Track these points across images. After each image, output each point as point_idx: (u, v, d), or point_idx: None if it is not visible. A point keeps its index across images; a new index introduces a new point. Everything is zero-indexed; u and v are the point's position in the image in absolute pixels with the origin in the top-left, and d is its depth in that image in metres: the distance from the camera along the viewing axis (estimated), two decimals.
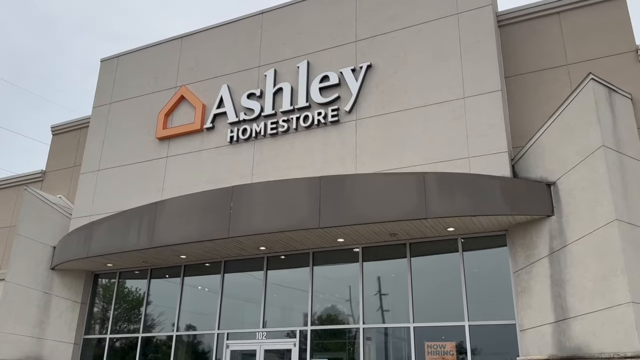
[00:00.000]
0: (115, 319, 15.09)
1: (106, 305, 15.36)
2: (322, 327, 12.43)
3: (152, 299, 14.82)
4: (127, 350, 14.68)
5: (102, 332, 15.06)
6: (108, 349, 14.67)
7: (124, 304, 15.24)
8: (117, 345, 14.90)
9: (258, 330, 12.98)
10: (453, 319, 11.00)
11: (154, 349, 14.40)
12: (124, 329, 14.97)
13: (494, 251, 11.39)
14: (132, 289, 15.33)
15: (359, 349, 11.74)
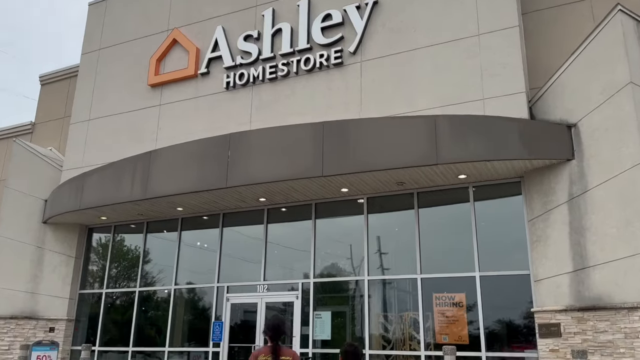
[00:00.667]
0: (111, 273, 14.64)
1: (102, 260, 14.88)
2: (325, 279, 11.95)
3: (149, 253, 14.32)
4: (124, 306, 14.29)
5: (98, 287, 14.63)
6: (104, 304, 14.28)
7: (120, 258, 14.76)
8: (114, 301, 14.50)
9: (259, 283, 12.51)
10: (463, 270, 10.49)
11: (152, 304, 14.01)
12: (121, 284, 14.55)
13: (507, 200, 10.78)
14: (128, 243, 14.81)
15: (363, 301, 11.29)
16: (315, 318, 11.64)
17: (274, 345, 4.62)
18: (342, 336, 11.47)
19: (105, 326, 14.16)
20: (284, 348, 4.71)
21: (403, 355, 10.69)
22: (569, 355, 8.71)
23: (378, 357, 10.92)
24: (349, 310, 11.66)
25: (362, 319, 11.20)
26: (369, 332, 11.01)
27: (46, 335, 13.67)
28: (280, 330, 4.72)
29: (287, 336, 4.70)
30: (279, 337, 4.69)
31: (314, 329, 11.55)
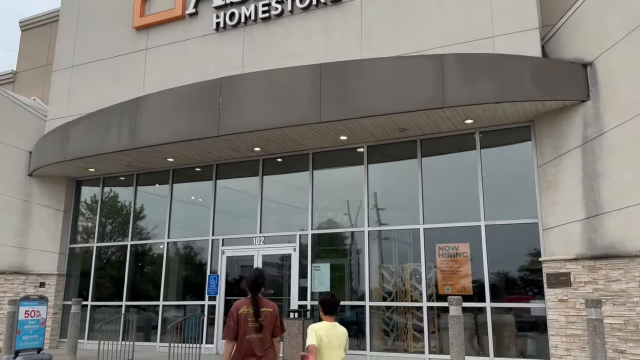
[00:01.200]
0: (102, 227, 14.17)
1: (91, 214, 14.38)
2: (323, 231, 11.51)
3: (141, 207, 13.81)
4: (116, 260, 13.89)
5: (88, 241, 14.19)
6: (96, 258, 13.87)
7: (110, 212, 14.26)
8: (106, 255, 14.09)
9: (255, 236, 12.08)
10: (468, 219, 10.05)
11: (145, 258, 13.60)
12: (112, 238, 14.10)
13: (515, 146, 10.22)
14: (117, 196, 14.28)
15: (363, 253, 10.89)
16: (313, 270, 11.27)
17: (254, 297, 4.65)
18: (342, 288, 11.14)
19: (98, 281, 13.80)
20: (264, 300, 4.73)
21: (404, 306, 10.38)
22: (578, 305, 8.37)
23: (378, 309, 10.61)
24: (348, 262, 11.28)
25: (362, 270, 10.82)
26: (369, 284, 10.66)
27: (36, 290, 13.31)
28: (259, 282, 4.72)
29: (265, 289, 4.93)
30: (259, 289, 4.70)
31: (312, 281, 11.19)
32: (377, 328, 10.54)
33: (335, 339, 4.54)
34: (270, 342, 4.68)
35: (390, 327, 10.49)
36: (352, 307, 10.95)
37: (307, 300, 11.14)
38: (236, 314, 4.61)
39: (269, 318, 4.64)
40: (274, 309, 4.73)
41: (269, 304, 4.75)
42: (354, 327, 10.82)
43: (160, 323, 12.56)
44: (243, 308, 4.61)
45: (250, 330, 4.55)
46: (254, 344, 4.55)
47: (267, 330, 4.63)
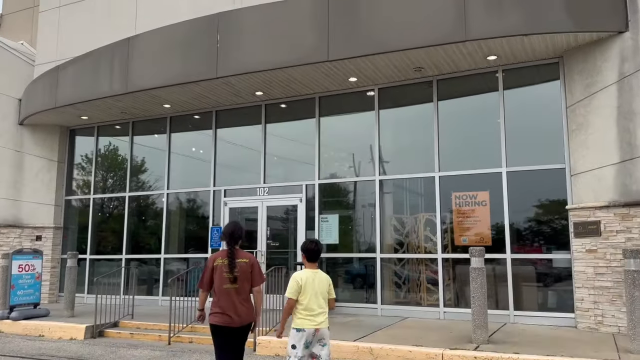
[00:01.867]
0: (98, 179, 13.55)
1: (87, 164, 13.72)
2: (332, 180, 10.83)
3: (138, 156, 13.13)
4: (115, 213, 13.34)
5: (84, 193, 13.60)
6: (93, 211, 13.32)
7: (106, 163, 13.59)
8: (104, 208, 13.53)
9: (259, 186, 11.42)
10: (488, 165, 9.32)
11: (145, 210, 13.03)
12: (109, 189, 13.50)
13: (542, 85, 9.35)
14: (113, 146, 13.58)
15: (374, 203, 10.24)
16: (321, 222, 10.66)
17: (230, 249, 4.73)
18: (351, 240, 10.56)
19: (96, 234, 13.29)
20: (240, 251, 4.81)
21: (417, 258, 9.80)
22: (609, 256, 7.74)
23: (389, 261, 10.05)
24: (358, 213, 10.64)
25: (373, 221, 10.21)
26: (380, 236, 10.06)
27: (33, 244, 12.84)
28: (235, 235, 4.79)
29: (243, 241, 5.00)
30: (236, 241, 4.79)
31: (320, 233, 10.60)
32: (388, 281, 10.01)
33: (318, 286, 4.59)
34: (247, 293, 4.76)
35: (402, 280, 9.97)
36: (361, 260, 10.40)
37: None
38: (211, 265, 4.74)
39: (244, 269, 4.71)
40: (249, 260, 4.79)
41: (245, 255, 4.82)
42: (363, 280, 10.31)
43: (162, 276, 12.12)
44: (218, 259, 4.73)
45: (225, 281, 4.66)
46: (230, 295, 4.65)
47: (243, 281, 4.71)
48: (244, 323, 4.70)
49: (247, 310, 4.72)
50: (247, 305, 4.72)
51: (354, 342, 7.15)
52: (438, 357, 6.48)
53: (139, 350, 7.95)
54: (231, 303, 4.63)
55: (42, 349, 8.17)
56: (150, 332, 9.03)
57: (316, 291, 4.53)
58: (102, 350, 8.02)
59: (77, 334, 9.00)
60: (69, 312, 10.05)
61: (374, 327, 8.39)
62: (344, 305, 10.12)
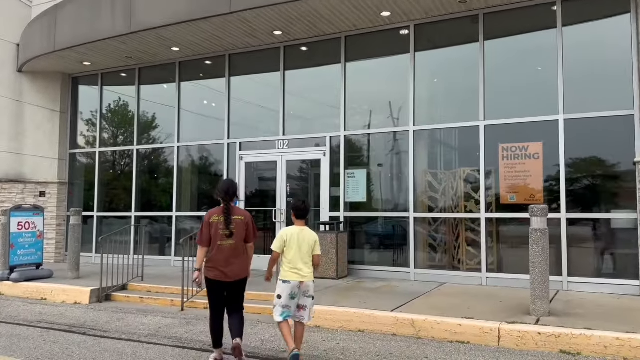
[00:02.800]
0: (104, 131, 12.58)
1: (92, 115, 12.74)
2: (359, 132, 9.73)
3: (146, 107, 12.10)
4: (123, 168, 12.44)
5: (90, 146, 12.67)
6: (100, 165, 12.41)
7: (111, 114, 12.59)
8: (111, 162, 12.62)
9: (278, 139, 10.38)
10: (542, 113, 8.14)
11: (154, 165, 12.10)
12: (116, 142, 12.55)
13: (608, 21, 8.07)
14: (119, 95, 12.54)
15: (407, 157, 9.16)
16: (347, 177, 9.64)
17: (226, 205, 4.78)
18: (380, 198, 9.56)
19: (104, 190, 12.44)
20: (236, 208, 4.91)
21: (456, 218, 8.79)
22: None
23: (424, 221, 9.06)
24: (388, 168, 9.60)
25: (406, 177, 9.16)
26: (414, 193, 9.03)
27: (37, 200, 12.03)
28: (230, 192, 4.86)
29: (238, 198, 5.27)
30: (231, 198, 4.84)
31: (345, 191, 9.60)
32: (422, 243, 9.04)
33: (304, 242, 4.81)
34: (242, 249, 4.85)
35: (437, 242, 8.99)
36: (392, 220, 9.41)
37: (339, 212, 9.62)
38: (208, 221, 4.79)
39: (240, 225, 4.80)
40: (245, 217, 4.88)
41: (241, 212, 4.92)
42: (394, 242, 9.35)
43: (174, 235, 11.28)
44: (214, 216, 4.78)
45: (221, 237, 4.74)
46: (226, 250, 4.75)
47: (238, 237, 4.80)
48: (238, 278, 4.84)
49: (242, 265, 4.85)
50: (241, 261, 4.84)
51: (392, 312, 6.23)
52: (494, 333, 5.54)
53: (149, 317, 7.14)
54: (226, 259, 4.75)
55: (42, 315, 7.39)
56: (161, 296, 8.21)
57: (300, 247, 4.78)
58: (108, 316, 7.22)
59: (82, 298, 8.21)
60: (74, 273, 9.26)
61: (409, 294, 7.46)
62: (373, 269, 9.21)
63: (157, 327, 6.52)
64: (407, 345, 5.54)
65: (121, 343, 5.78)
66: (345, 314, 6.31)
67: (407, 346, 5.52)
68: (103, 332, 6.34)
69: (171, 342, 5.81)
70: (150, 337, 6.01)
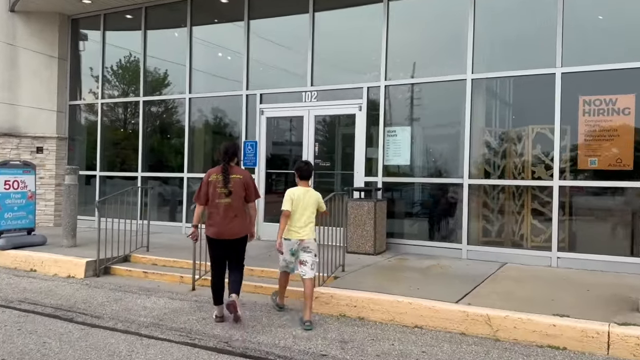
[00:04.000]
0: (107, 81, 11.19)
1: (93, 62, 11.33)
2: (403, 81, 8.20)
3: (153, 53, 10.64)
4: (128, 122, 11.10)
5: (91, 97, 11.32)
6: (102, 119, 11.08)
7: (115, 60, 11.16)
8: (115, 116, 11.28)
9: (305, 90, 8.91)
10: (636, 58, 6.56)
11: (162, 119, 10.74)
12: (120, 92, 11.17)
13: None
14: (124, 39, 11.08)
15: (461, 113, 7.67)
16: (387, 137, 8.19)
17: (224, 165, 4.86)
18: (426, 160, 8.11)
19: (107, 147, 11.14)
20: (235, 168, 4.96)
21: (519, 185, 7.34)
22: None
23: (479, 189, 7.63)
24: (437, 125, 8.12)
25: (459, 137, 7.67)
26: (469, 155, 7.56)
27: (33, 157, 10.78)
28: (229, 152, 4.92)
29: (238, 159, 5.09)
30: (230, 158, 4.92)
31: (385, 152, 8.17)
32: (476, 214, 7.63)
33: (309, 204, 4.97)
34: (241, 207, 4.89)
35: (495, 214, 7.58)
36: (441, 187, 7.98)
37: (377, 177, 8.21)
38: (206, 180, 4.92)
39: (238, 184, 4.85)
40: (244, 176, 4.93)
41: (240, 171, 4.97)
42: (443, 213, 7.95)
43: (185, 199, 10.00)
44: (213, 175, 4.89)
45: (219, 195, 4.81)
46: (223, 208, 4.81)
47: (237, 196, 4.84)
48: (236, 236, 4.88)
49: (240, 224, 4.88)
50: (239, 220, 4.87)
51: (457, 304, 4.88)
52: (601, 337, 4.18)
53: (153, 298, 5.90)
54: (223, 217, 4.81)
55: (26, 292, 6.19)
56: (169, 271, 6.97)
57: (305, 207, 4.94)
58: (104, 295, 5.99)
59: (76, 271, 7.00)
60: (69, 240, 8.04)
61: (468, 277, 6.11)
62: (416, 244, 7.86)
63: (161, 313, 5.27)
64: (485, 351, 4.22)
65: (115, 336, 4.53)
66: (396, 304, 4.98)
67: (484, 352, 4.20)
68: (95, 317, 5.11)
69: (178, 335, 4.55)
70: (153, 328, 4.76)
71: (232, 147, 5.02)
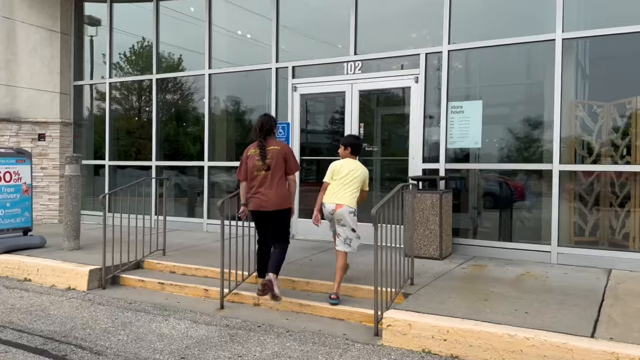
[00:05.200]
0: (117, 56, 9.87)
1: (99, 37, 10.01)
2: (470, 44, 6.69)
3: (166, 26, 9.28)
4: (139, 101, 9.79)
5: (97, 76, 10.01)
6: (110, 101, 9.78)
7: (124, 34, 9.82)
8: (125, 97, 9.97)
9: (347, 60, 7.48)
10: None
11: (177, 99, 9.41)
12: (131, 70, 9.85)
13: None
14: (133, 11, 9.73)
15: (548, 83, 6.20)
16: (451, 113, 6.73)
17: (261, 140, 4.78)
18: (502, 142, 6.64)
19: (117, 133, 9.86)
20: (273, 140, 4.84)
21: (622, 172, 5.86)
22: None
23: (570, 178, 6.15)
24: (516, 98, 6.64)
25: (545, 111, 6.20)
26: (560, 135, 6.07)
27: (35, 145, 9.55)
28: (264, 127, 4.80)
29: (274, 132, 4.90)
30: (267, 133, 4.81)
31: (448, 132, 6.72)
32: (568, 209, 6.16)
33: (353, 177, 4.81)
34: (280, 179, 4.75)
35: (590, 207, 6.10)
36: (522, 174, 6.51)
37: (437, 163, 6.77)
38: (245, 155, 4.87)
39: (277, 156, 4.73)
40: (281, 147, 4.80)
41: (277, 143, 4.84)
42: (524, 208, 6.49)
43: (206, 191, 8.69)
44: (251, 150, 4.84)
45: (258, 168, 4.73)
46: (260, 180, 4.73)
47: (276, 168, 4.72)
48: (277, 208, 4.72)
49: (279, 196, 4.73)
50: (279, 192, 4.73)
51: (595, 339, 3.46)
52: None
53: (172, 320, 4.58)
54: (262, 188, 4.71)
55: (14, 311, 4.92)
56: (190, 281, 5.65)
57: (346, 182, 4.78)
58: (110, 318, 4.69)
59: (77, 282, 5.72)
60: (71, 242, 6.76)
61: (579, 292, 4.67)
62: (491, 245, 6.43)
63: (183, 346, 3.95)
64: None
65: None
66: (507, 339, 3.58)
67: None
68: (95, 355, 3.80)
69: None
70: None
71: (269, 121, 4.83)
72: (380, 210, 4.18)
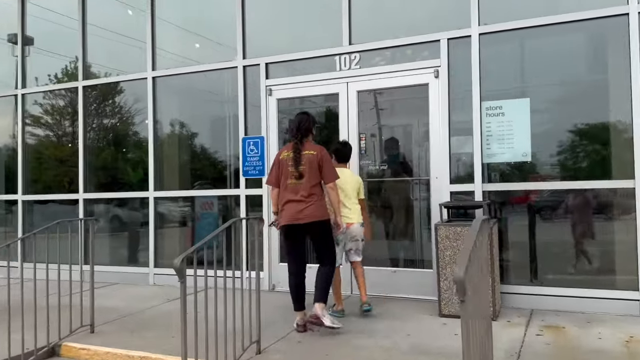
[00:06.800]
0: (29, 53, 7.67)
1: (7, 34, 7.80)
2: (509, 24, 5.01)
3: (94, 11, 7.22)
4: (61, 116, 7.61)
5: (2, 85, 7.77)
6: (23, 117, 7.53)
7: (37, 24, 7.65)
8: (42, 112, 7.75)
9: (339, 53, 5.68)
10: None
11: (112, 110, 7.30)
12: (50, 80, 7.68)
13: None
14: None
15: (623, 70, 4.64)
16: (487, 116, 5.03)
17: (296, 142, 4.23)
18: (559, 154, 4.96)
19: (33, 160, 7.63)
20: (308, 143, 4.27)
21: None
22: None
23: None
24: (577, 94, 4.97)
25: (620, 111, 4.60)
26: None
27: None
28: (302, 127, 4.25)
29: (313, 134, 4.28)
30: (305, 135, 4.25)
31: (484, 142, 5.01)
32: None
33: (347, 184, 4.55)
34: (317, 188, 4.19)
35: None
36: (592, 195, 4.84)
37: (471, 183, 5.03)
38: (277, 159, 4.36)
39: (311, 162, 4.16)
40: (318, 152, 4.21)
41: (313, 147, 4.26)
42: (592, 241, 4.82)
43: (152, 229, 6.59)
44: (284, 153, 4.31)
45: (290, 176, 4.21)
46: (292, 190, 4.19)
47: (311, 176, 4.16)
48: (313, 219, 4.14)
49: (315, 207, 4.15)
50: (314, 202, 4.15)
51: None
52: None
53: None
54: (294, 200, 4.16)
55: None
56: None
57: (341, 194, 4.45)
58: None
59: None
60: None
61: None
62: (553, 294, 4.70)
63: None
64: None
65: None
66: None
67: None
68: None
69: None
70: None
71: (306, 120, 4.28)
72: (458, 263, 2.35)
